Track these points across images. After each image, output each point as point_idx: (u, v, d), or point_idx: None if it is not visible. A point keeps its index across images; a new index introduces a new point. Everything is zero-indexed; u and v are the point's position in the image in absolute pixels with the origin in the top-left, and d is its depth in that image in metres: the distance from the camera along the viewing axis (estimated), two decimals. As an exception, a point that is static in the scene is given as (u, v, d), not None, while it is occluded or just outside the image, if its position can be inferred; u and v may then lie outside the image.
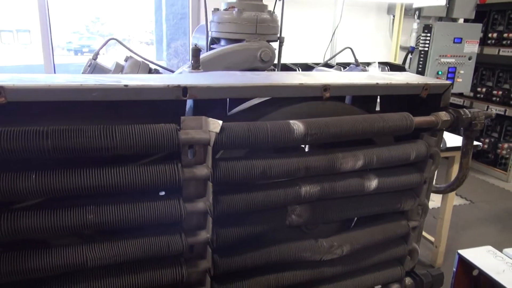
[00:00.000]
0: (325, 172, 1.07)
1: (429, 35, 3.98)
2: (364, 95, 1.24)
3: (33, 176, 0.80)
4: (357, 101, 1.30)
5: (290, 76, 1.22)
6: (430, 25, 4.00)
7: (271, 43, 1.58)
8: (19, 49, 7.85)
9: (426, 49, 4.02)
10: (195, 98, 0.95)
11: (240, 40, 1.52)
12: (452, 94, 1.30)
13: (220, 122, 0.93)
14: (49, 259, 0.85)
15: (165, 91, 0.92)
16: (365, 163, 1.10)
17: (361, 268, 1.26)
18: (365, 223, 1.28)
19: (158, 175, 0.89)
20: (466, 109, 1.26)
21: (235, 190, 1.01)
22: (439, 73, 4.05)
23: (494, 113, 1.33)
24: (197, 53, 1.22)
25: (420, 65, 4.09)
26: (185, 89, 0.92)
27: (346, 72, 2.37)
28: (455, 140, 2.63)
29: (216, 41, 1.62)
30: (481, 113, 1.26)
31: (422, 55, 4.09)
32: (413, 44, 4.17)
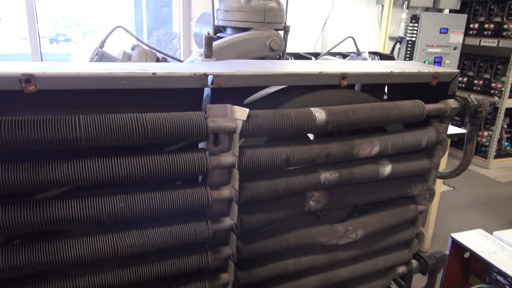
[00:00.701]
0: (343, 159, 1.10)
1: (416, 25, 4.05)
2: (373, 84, 1.27)
3: (66, 165, 0.79)
4: (366, 89, 1.33)
5: (306, 65, 1.23)
6: (418, 16, 4.07)
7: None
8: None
9: (414, 39, 4.09)
10: (220, 86, 0.95)
11: (248, 29, 1.52)
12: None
13: (247, 110, 0.93)
14: (81, 248, 0.85)
15: (191, 80, 0.92)
16: (380, 149, 1.13)
17: (372, 252, 1.30)
18: (374, 208, 1.32)
19: (187, 163, 0.89)
20: (472, 97, 1.30)
21: (259, 177, 1.03)
22: (426, 62, 4.14)
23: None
24: (210, 41, 1.21)
25: (408, 55, 4.17)
26: (211, 77, 0.93)
27: (353, 61, 2.40)
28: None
29: (222, 29, 1.61)
30: (485, 100, 1.31)
31: (409, 45, 4.17)
32: (401, 34, 4.23)
